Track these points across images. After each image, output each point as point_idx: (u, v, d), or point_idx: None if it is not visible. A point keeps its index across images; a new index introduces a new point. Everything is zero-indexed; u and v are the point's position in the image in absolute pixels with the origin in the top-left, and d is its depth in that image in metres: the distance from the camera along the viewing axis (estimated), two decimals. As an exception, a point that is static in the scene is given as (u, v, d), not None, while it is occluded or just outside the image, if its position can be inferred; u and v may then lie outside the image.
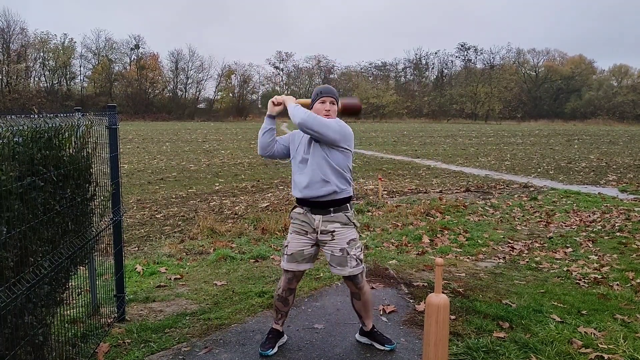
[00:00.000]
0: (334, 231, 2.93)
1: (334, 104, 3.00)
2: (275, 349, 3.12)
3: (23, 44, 54.13)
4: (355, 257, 2.96)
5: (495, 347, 3.13)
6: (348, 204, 2.98)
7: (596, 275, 4.85)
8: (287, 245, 3.05)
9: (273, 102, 3.06)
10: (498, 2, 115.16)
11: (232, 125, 44.65)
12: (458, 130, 39.37)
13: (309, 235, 2.99)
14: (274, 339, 3.16)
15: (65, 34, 63.84)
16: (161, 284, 4.54)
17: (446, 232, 6.77)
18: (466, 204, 8.90)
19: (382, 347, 3.15)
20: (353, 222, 2.98)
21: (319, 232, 2.95)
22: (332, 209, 2.93)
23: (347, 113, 3.13)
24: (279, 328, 3.22)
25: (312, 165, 2.90)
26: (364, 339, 3.26)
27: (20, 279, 2.11)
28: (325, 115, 2.96)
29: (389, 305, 3.89)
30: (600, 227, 7.15)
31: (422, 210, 8.11)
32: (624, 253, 5.76)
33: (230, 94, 64.93)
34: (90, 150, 2.96)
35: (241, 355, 3.09)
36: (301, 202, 3.00)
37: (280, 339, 3.22)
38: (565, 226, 7.30)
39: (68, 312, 3.26)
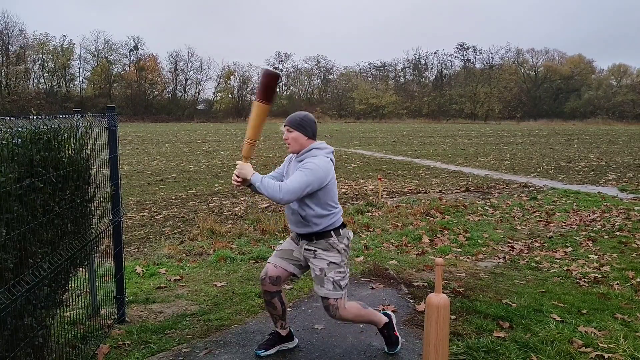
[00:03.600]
0: (315, 250, 2.92)
1: (290, 131, 2.89)
2: (272, 351, 3.11)
3: (22, 45, 54.06)
4: (332, 280, 2.88)
5: (496, 346, 3.13)
6: (332, 231, 2.90)
7: (596, 275, 4.85)
8: (281, 243, 3.13)
9: (240, 184, 2.80)
10: (497, 1, 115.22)
11: (231, 126, 44.65)
12: (457, 130, 39.37)
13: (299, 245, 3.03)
14: (272, 341, 3.14)
15: (64, 35, 63.84)
16: (161, 285, 4.54)
17: (446, 232, 6.77)
18: (466, 204, 8.90)
19: (384, 348, 3.15)
20: (336, 248, 2.90)
21: (302, 250, 2.97)
22: (314, 237, 2.91)
23: (267, 93, 2.74)
24: (281, 332, 3.17)
25: (294, 207, 2.88)
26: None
27: (20, 281, 2.10)
28: (287, 145, 2.91)
29: (389, 305, 3.89)
30: (600, 227, 7.15)
31: (422, 210, 8.11)
32: (624, 252, 5.76)
33: (230, 95, 64.85)
34: (89, 152, 2.96)
35: (241, 356, 3.09)
36: None
37: (286, 343, 3.18)
38: (565, 226, 7.30)
39: (68, 313, 3.26)
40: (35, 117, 2.41)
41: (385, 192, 10.33)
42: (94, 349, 3.06)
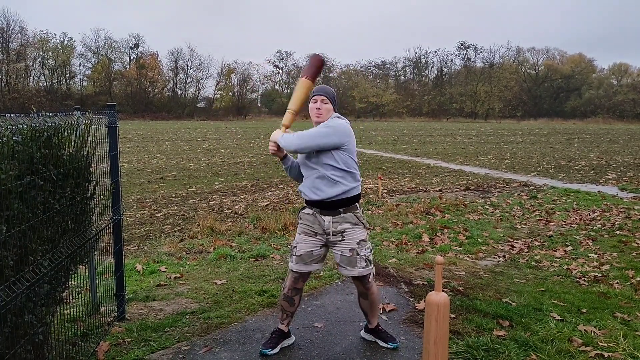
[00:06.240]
0: (344, 231, 2.93)
1: (325, 102, 3.00)
2: (277, 349, 3.11)
3: (22, 43, 54.00)
4: (364, 257, 2.96)
5: (496, 345, 3.13)
6: (357, 203, 2.98)
7: (596, 274, 4.84)
8: (295, 246, 3.04)
9: (275, 151, 3.04)
10: (498, 0, 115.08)
11: (231, 124, 44.64)
12: (458, 129, 39.35)
13: (318, 237, 2.99)
14: (276, 339, 3.14)
15: (64, 33, 63.53)
16: (161, 282, 4.54)
17: (446, 230, 6.77)
18: (466, 202, 8.89)
19: (385, 345, 3.15)
20: (362, 222, 2.98)
21: (330, 234, 2.95)
22: (341, 210, 2.93)
23: (315, 73, 3.12)
24: (284, 328, 3.19)
25: (319, 166, 2.91)
26: (368, 336, 3.27)
27: (20, 278, 2.10)
28: (317, 114, 2.99)
29: (389, 303, 3.89)
30: (600, 226, 7.15)
31: (422, 209, 8.10)
32: (624, 251, 5.76)
33: (230, 93, 64.84)
34: (89, 149, 2.96)
35: (241, 354, 3.09)
36: (311, 203, 2.99)
37: (286, 340, 3.19)
38: (565, 224, 7.30)
39: (68, 311, 3.26)
40: (35, 115, 2.41)
41: (385, 191, 10.33)
42: (94, 347, 3.06)
